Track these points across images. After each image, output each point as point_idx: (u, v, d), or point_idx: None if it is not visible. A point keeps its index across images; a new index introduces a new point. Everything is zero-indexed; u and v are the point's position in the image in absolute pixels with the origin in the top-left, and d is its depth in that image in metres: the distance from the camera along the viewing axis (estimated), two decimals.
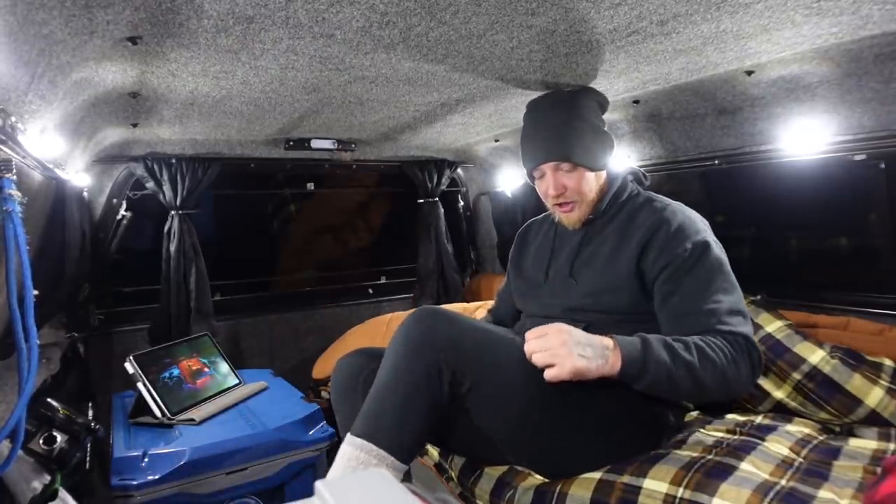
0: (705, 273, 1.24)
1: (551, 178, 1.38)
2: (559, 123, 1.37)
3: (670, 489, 1.10)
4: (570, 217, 1.42)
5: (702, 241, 1.26)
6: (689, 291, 1.24)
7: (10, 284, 1.04)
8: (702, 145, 1.97)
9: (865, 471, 1.20)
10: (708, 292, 1.23)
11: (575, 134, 1.35)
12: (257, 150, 2.48)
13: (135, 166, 2.29)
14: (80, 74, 1.21)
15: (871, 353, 1.56)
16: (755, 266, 2.35)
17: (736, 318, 1.21)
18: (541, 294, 1.50)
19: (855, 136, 1.58)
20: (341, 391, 1.42)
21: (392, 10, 1.04)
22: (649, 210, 1.36)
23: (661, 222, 1.30)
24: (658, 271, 1.27)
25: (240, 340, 2.73)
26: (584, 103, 1.41)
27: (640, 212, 1.37)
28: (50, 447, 1.34)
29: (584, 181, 1.37)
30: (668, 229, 1.29)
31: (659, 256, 1.27)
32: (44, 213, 1.63)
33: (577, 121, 1.37)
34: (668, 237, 1.27)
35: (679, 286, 1.25)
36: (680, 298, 1.24)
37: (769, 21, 1.17)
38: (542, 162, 1.38)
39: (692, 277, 1.24)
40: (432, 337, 1.14)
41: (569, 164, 1.36)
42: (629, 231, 1.34)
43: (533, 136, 1.42)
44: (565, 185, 1.37)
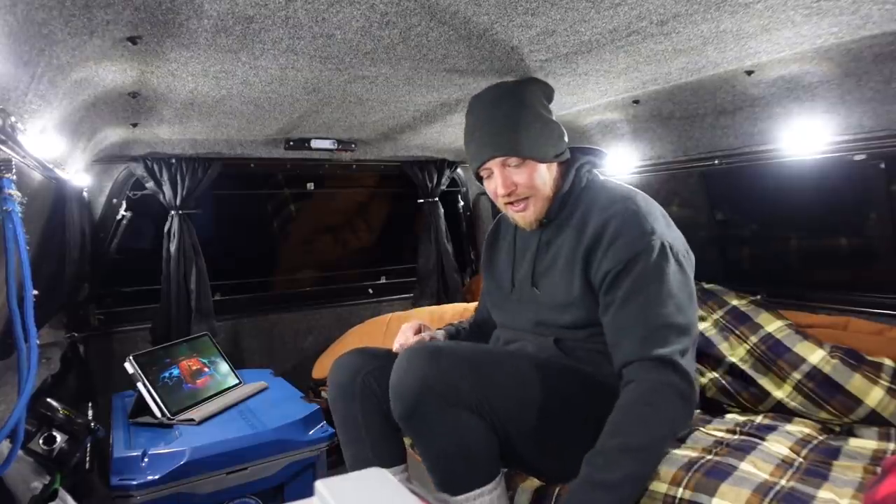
0: (641, 283, 1.15)
1: (499, 175, 1.28)
2: (503, 116, 1.27)
3: (670, 489, 1.10)
4: (524, 217, 1.33)
5: (643, 247, 1.16)
6: (623, 305, 1.16)
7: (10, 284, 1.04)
8: (702, 145, 1.97)
9: (865, 471, 1.20)
10: (639, 307, 1.14)
11: (520, 125, 1.26)
12: (257, 150, 2.48)
13: (135, 166, 2.29)
14: (80, 74, 1.21)
15: (871, 353, 1.56)
16: (755, 266, 2.35)
17: (664, 339, 1.12)
18: (510, 304, 1.43)
19: (855, 136, 1.58)
20: (338, 392, 1.41)
21: (392, 10, 1.04)
22: (600, 207, 1.26)
23: (607, 224, 1.22)
24: (600, 280, 1.20)
25: (240, 340, 2.73)
26: (528, 93, 1.32)
27: (592, 209, 1.28)
28: (50, 447, 1.34)
29: (535, 175, 1.28)
30: (612, 233, 1.20)
31: (601, 264, 1.20)
32: (44, 213, 1.63)
33: (522, 111, 1.27)
34: (610, 241, 1.20)
35: (615, 298, 1.18)
36: (615, 312, 1.18)
37: (769, 21, 1.17)
38: (487, 158, 1.28)
39: (627, 289, 1.16)
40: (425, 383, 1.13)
41: (517, 159, 1.26)
42: (581, 237, 1.26)
43: (476, 132, 1.31)
44: (515, 182, 1.28)
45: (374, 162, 2.86)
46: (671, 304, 1.14)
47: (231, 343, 2.66)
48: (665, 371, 1.09)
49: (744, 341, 1.72)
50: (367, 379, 1.36)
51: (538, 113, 1.30)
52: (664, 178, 2.29)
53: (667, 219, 1.26)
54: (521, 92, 1.32)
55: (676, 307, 1.14)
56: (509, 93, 1.31)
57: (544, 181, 1.29)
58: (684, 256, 1.22)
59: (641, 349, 1.12)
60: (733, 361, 1.68)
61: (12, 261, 1.03)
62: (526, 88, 1.33)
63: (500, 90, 1.33)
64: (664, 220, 1.25)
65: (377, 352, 1.46)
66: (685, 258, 1.22)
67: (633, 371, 1.12)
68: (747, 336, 1.72)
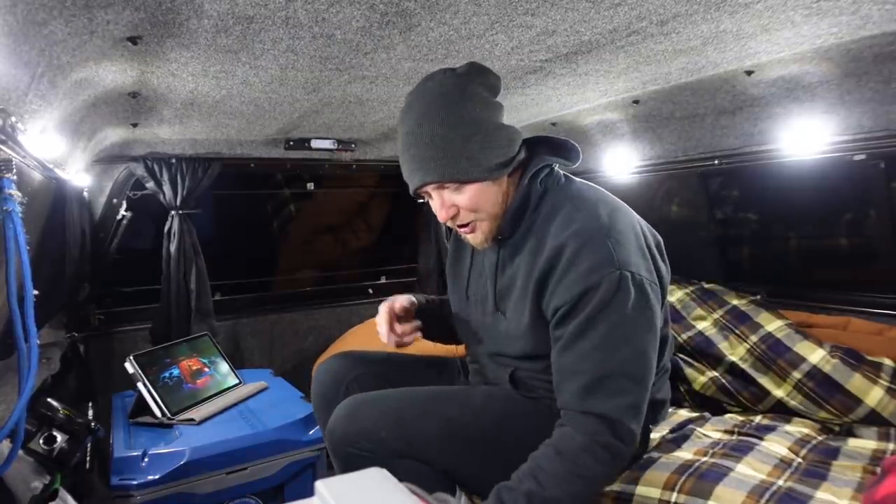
0: (592, 322, 1.01)
1: (437, 199, 1.12)
2: (435, 132, 1.06)
3: (664, 494, 1.09)
4: (474, 238, 1.18)
5: (598, 279, 1.01)
6: (566, 346, 1.04)
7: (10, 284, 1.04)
8: (702, 145, 1.97)
9: (865, 471, 1.20)
10: (585, 352, 1.02)
11: (457, 143, 1.05)
12: (257, 150, 2.48)
13: (135, 166, 2.29)
14: (81, 74, 1.21)
15: (870, 352, 1.57)
16: (755, 266, 2.35)
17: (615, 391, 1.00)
18: (469, 320, 1.31)
19: (854, 136, 1.58)
20: (320, 402, 1.34)
21: (392, 10, 1.04)
22: (560, 222, 1.09)
23: (563, 248, 1.05)
24: (551, 315, 1.08)
25: (240, 340, 2.74)
26: (467, 94, 1.07)
27: (551, 222, 1.11)
28: (50, 447, 1.34)
29: (478, 196, 1.09)
30: (566, 260, 1.05)
31: (552, 296, 1.06)
32: (44, 213, 1.63)
33: (458, 125, 1.05)
34: (563, 270, 1.05)
35: (562, 335, 1.05)
36: (560, 352, 1.06)
37: (769, 21, 1.17)
38: (420, 184, 1.11)
39: (576, 327, 1.03)
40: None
41: (454, 184, 1.09)
42: (537, 260, 1.10)
43: (406, 149, 1.11)
44: (456, 205, 1.11)
45: (374, 162, 2.86)
46: (626, 349, 1.01)
47: (231, 343, 2.66)
48: (602, 431, 0.98)
49: (744, 340, 1.72)
50: (351, 387, 1.30)
51: (477, 121, 1.07)
52: (664, 178, 2.29)
53: (639, 236, 1.10)
54: (457, 94, 1.07)
55: (632, 353, 1.02)
56: (443, 97, 1.08)
57: (491, 200, 1.11)
58: (651, 285, 1.05)
59: (582, 400, 1.00)
60: (733, 360, 1.69)
61: (12, 261, 1.03)
62: (465, 87, 1.08)
63: (433, 93, 1.09)
64: (634, 238, 1.08)
65: (366, 356, 1.41)
66: (651, 287, 1.05)
67: (570, 418, 1.02)
68: (747, 335, 1.72)
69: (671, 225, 2.36)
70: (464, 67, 1.12)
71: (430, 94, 1.10)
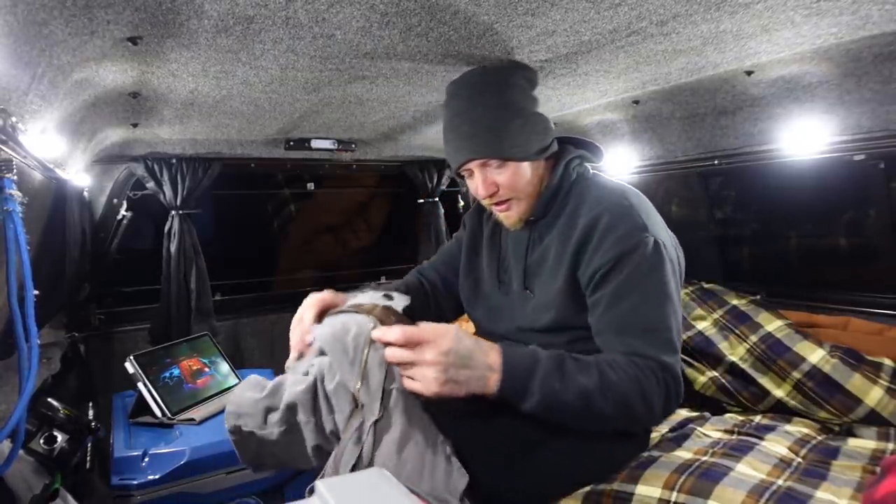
0: (632, 283, 1.08)
1: (479, 176, 1.20)
2: (482, 113, 1.17)
3: (663, 494, 1.09)
4: (508, 217, 1.25)
5: (636, 242, 1.09)
6: (611, 305, 1.09)
7: (10, 284, 1.04)
8: (702, 145, 1.97)
9: (864, 470, 1.20)
10: (630, 307, 1.07)
11: (500, 123, 1.16)
12: (257, 150, 2.48)
13: (135, 166, 2.29)
14: (81, 74, 1.21)
15: (870, 352, 1.57)
16: (755, 266, 2.35)
17: (658, 342, 1.06)
18: (491, 303, 1.33)
19: (854, 136, 1.58)
20: None
21: (392, 10, 1.04)
22: (590, 203, 1.18)
23: (597, 219, 1.13)
24: (588, 278, 1.12)
25: (240, 340, 2.74)
26: (510, 83, 1.21)
27: (582, 205, 1.19)
28: (50, 447, 1.35)
29: (517, 176, 1.19)
30: (602, 228, 1.12)
31: (590, 261, 1.12)
32: (44, 213, 1.63)
33: (503, 107, 1.17)
34: (600, 237, 1.11)
35: (603, 296, 1.10)
36: (603, 311, 1.10)
37: (769, 21, 1.17)
38: (466, 160, 1.20)
39: (617, 287, 1.08)
40: None
41: (497, 160, 1.18)
42: (570, 234, 1.17)
43: (454, 129, 1.21)
44: (497, 184, 1.19)
45: (374, 162, 2.86)
46: (668, 306, 1.08)
47: (231, 343, 2.66)
48: (658, 370, 1.03)
49: (744, 340, 1.72)
50: None
51: (520, 106, 1.19)
52: (664, 178, 2.29)
53: (660, 219, 1.20)
54: (501, 82, 1.21)
55: (673, 310, 1.08)
56: (488, 84, 1.20)
57: (528, 180, 1.20)
58: (675, 261, 1.14)
59: (640, 348, 1.04)
60: (733, 360, 1.69)
61: (13, 261, 1.03)
62: (508, 77, 1.22)
63: (478, 80, 1.22)
64: (657, 218, 1.18)
65: None
66: (676, 263, 1.15)
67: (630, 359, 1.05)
68: (747, 335, 1.72)
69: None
70: (504, 63, 1.29)
71: (475, 82, 1.22)
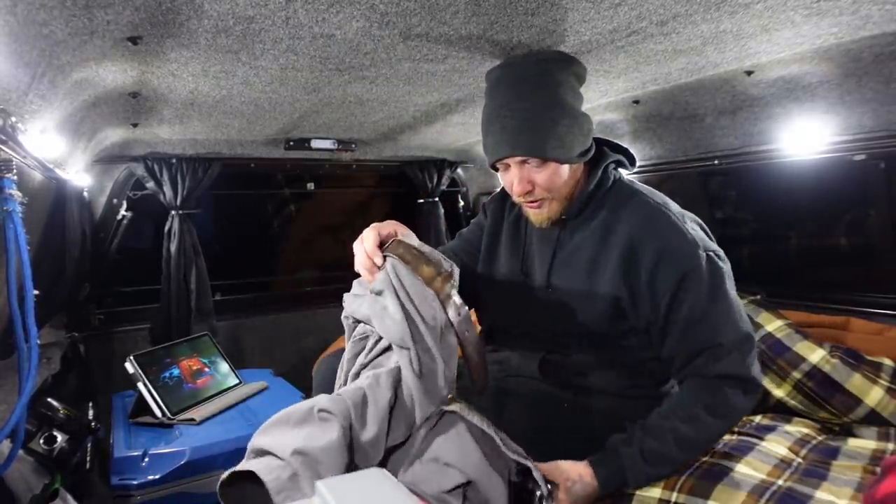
0: (699, 309, 1.09)
1: (516, 173, 1.16)
2: (529, 108, 1.12)
3: (664, 494, 1.09)
4: (538, 215, 1.21)
5: (694, 264, 1.09)
6: (684, 334, 1.10)
7: (10, 284, 1.04)
8: (702, 145, 1.97)
9: (864, 470, 1.20)
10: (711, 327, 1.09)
11: (547, 123, 1.11)
12: (257, 150, 2.48)
13: (135, 166, 2.29)
14: (81, 74, 1.21)
15: (870, 352, 1.57)
16: (755, 266, 2.35)
17: (734, 357, 1.08)
18: (515, 301, 1.29)
19: (854, 136, 1.58)
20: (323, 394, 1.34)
21: (392, 10, 1.04)
22: (629, 212, 1.16)
23: (642, 234, 1.12)
24: (650, 302, 1.12)
25: (240, 340, 2.73)
26: (558, 79, 1.14)
27: (620, 212, 1.17)
28: (50, 447, 1.35)
29: (556, 177, 1.15)
30: (655, 248, 1.10)
31: (650, 283, 1.11)
32: (44, 213, 1.63)
33: (551, 105, 1.12)
34: (654, 258, 1.10)
35: (673, 326, 1.11)
36: (676, 340, 1.12)
37: (769, 21, 1.17)
38: (505, 156, 1.15)
39: (686, 316, 1.09)
40: None
41: (538, 160, 1.13)
42: (609, 238, 1.16)
43: (495, 121, 1.16)
44: (533, 182, 1.15)
45: (374, 162, 2.86)
46: (736, 313, 1.11)
47: (231, 343, 2.66)
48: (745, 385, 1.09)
49: None
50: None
51: (568, 106, 1.14)
52: (664, 178, 2.29)
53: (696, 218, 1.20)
54: (552, 76, 1.14)
55: (739, 315, 1.11)
56: (536, 77, 1.14)
57: (565, 181, 1.17)
58: (723, 260, 1.15)
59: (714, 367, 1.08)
60: None
61: (13, 261, 1.03)
62: (557, 72, 1.15)
63: (526, 71, 1.15)
64: (696, 223, 1.18)
65: None
66: (724, 261, 1.15)
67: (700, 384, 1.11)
68: None
69: None
70: (554, 54, 1.22)
71: (525, 72, 1.16)
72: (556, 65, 1.16)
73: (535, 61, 1.17)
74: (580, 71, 1.21)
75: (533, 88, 1.13)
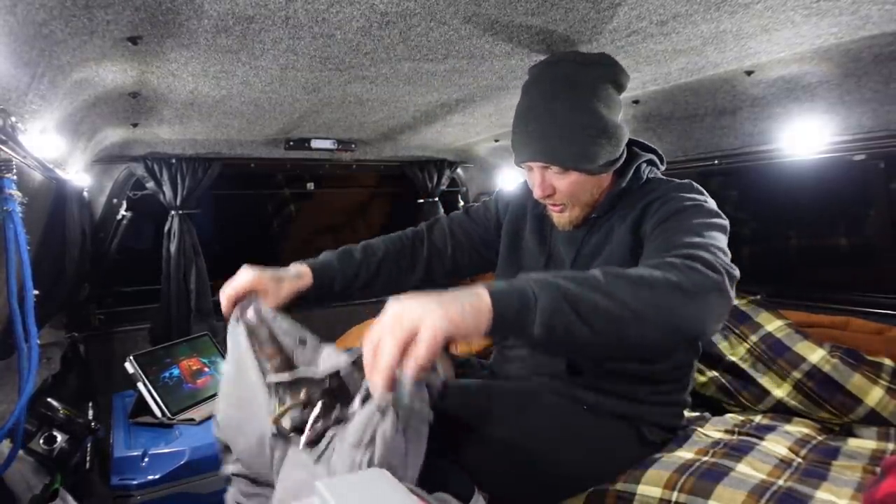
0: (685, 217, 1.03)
1: (539, 176, 1.15)
2: (557, 114, 1.09)
3: (664, 493, 1.09)
4: (559, 218, 1.21)
5: (694, 202, 1.07)
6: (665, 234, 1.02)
7: (10, 284, 1.04)
8: (702, 145, 1.97)
9: (865, 470, 1.20)
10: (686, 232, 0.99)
11: (574, 132, 1.09)
12: (257, 150, 2.48)
13: (135, 166, 2.29)
14: (81, 74, 1.21)
15: (870, 352, 1.57)
16: (755, 265, 2.35)
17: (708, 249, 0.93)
18: None
19: (854, 136, 1.58)
20: None
21: (392, 10, 1.04)
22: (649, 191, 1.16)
23: (654, 195, 1.13)
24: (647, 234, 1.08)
25: None
26: (597, 86, 1.11)
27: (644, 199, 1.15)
28: (50, 447, 1.34)
29: (577, 185, 1.14)
30: (664, 196, 1.11)
31: (650, 223, 1.09)
32: (44, 213, 1.63)
33: (581, 113, 1.09)
34: (659, 203, 1.10)
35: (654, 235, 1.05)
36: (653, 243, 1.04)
37: (769, 21, 1.17)
38: (528, 159, 1.15)
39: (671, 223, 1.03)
40: None
41: (560, 168, 1.13)
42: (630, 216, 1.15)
43: (524, 122, 1.15)
44: (554, 187, 1.15)
45: (374, 162, 2.86)
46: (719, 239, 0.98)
47: None
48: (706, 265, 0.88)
49: (744, 340, 1.72)
50: None
51: (599, 116, 1.10)
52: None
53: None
54: (588, 82, 1.11)
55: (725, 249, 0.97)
56: (571, 81, 1.11)
57: (586, 190, 1.16)
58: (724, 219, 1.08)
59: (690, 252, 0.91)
60: (733, 360, 1.69)
61: (13, 261, 1.03)
62: (594, 78, 1.12)
63: (563, 73, 1.12)
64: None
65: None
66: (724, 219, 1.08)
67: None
68: (747, 335, 1.72)
69: None
70: (599, 57, 1.16)
71: (561, 77, 1.12)
72: (595, 70, 1.12)
73: (574, 64, 1.13)
74: (621, 79, 1.16)
75: (565, 93, 1.10)
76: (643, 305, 0.78)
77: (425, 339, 0.67)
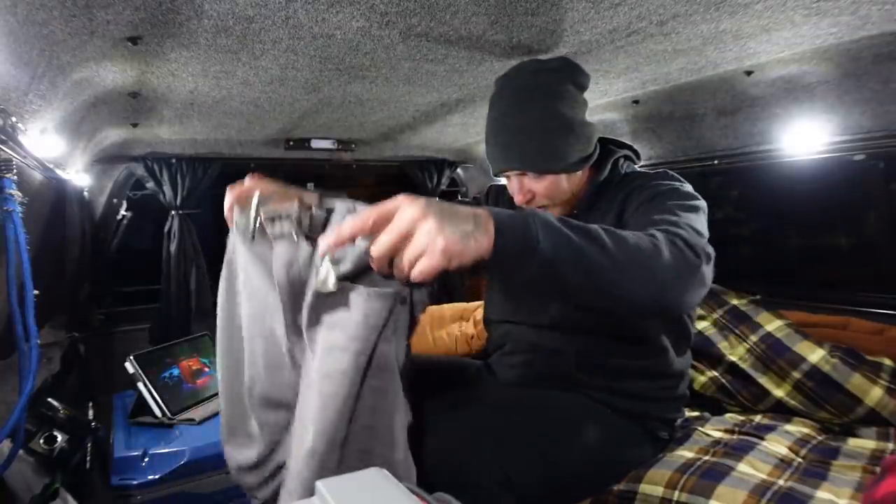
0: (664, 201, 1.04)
1: (517, 183, 1.19)
2: (524, 122, 1.13)
3: (666, 493, 1.09)
4: None
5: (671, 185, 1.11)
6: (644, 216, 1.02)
7: (10, 284, 1.04)
8: (701, 145, 1.97)
9: (864, 470, 1.20)
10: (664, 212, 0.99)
11: (543, 136, 1.13)
12: (257, 150, 2.48)
13: (135, 166, 2.29)
14: (81, 74, 1.21)
15: (870, 352, 1.57)
16: (755, 265, 2.35)
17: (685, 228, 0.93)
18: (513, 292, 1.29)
19: (854, 136, 1.58)
20: None
21: (392, 10, 1.04)
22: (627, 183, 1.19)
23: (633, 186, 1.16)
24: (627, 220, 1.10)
25: None
26: (555, 91, 1.15)
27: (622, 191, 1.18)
28: (50, 447, 1.35)
29: (554, 186, 1.17)
30: (642, 185, 1.14)
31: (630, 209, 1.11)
32: (44, 213, 1.63)
33: (547, 118, 1.13)
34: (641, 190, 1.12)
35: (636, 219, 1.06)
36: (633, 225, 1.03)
37: (769, 21, 1.17)
38: (503, 168, 1.19)
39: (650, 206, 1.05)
40: None
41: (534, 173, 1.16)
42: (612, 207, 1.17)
43: (495, 134, 1.19)
44: (533, 192, 1.18)
45: (374, 162, 2.86)
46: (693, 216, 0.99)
47: None
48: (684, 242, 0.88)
49: (743, 340, 1.72)
50: None
51: (566, 117, 1.14)
52: None
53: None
54: (549, 87, 1.15)
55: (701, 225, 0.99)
56: (533, 90, 1.15)
57: (565, 189, 1.19)
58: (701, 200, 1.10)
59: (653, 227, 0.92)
60: (733, 360, 1.69)
61: (13, 261, 1.03)
62: (554, 83, 1.16)
63: (524, 83, 1.17)
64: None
65: None
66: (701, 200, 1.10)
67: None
68: (747, 335, 1.72)
69: None
70: (556, 62, 1.19)
71: (523, 86, 1.17)
72: (554, 75, 1.16)
73: (533, 72, 1.17)
74: (581, 79, 1.20)
75: (529, 101, 1.15)
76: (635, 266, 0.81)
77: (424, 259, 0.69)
